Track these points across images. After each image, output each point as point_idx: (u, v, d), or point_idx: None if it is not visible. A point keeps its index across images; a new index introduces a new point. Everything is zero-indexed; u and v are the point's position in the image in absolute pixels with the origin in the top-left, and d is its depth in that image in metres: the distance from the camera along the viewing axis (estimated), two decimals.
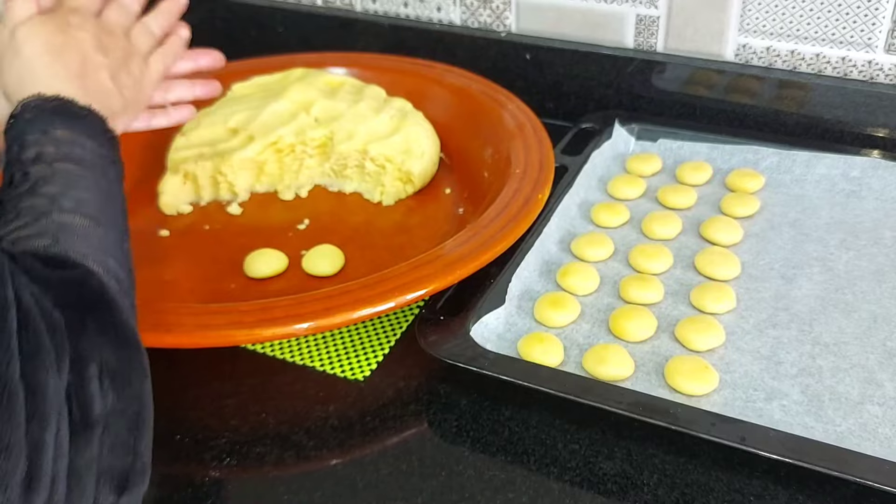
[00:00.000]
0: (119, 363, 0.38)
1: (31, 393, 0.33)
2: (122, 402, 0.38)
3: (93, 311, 0.39)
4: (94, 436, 0.36)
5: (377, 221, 0.75)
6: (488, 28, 0.94)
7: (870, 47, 0.76)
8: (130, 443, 0.38)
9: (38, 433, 0.33)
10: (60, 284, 0.39)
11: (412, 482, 0.50)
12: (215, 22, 1.11)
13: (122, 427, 0.38)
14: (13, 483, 0.31)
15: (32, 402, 0.33)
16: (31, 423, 0.32)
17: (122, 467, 0.37)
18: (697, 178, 0.75)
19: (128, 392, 0.38)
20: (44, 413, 0.33)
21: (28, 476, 0.32)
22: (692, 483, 0.48)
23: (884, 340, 0.56)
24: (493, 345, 0.57)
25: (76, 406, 0.36)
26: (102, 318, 0.39)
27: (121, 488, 0.37)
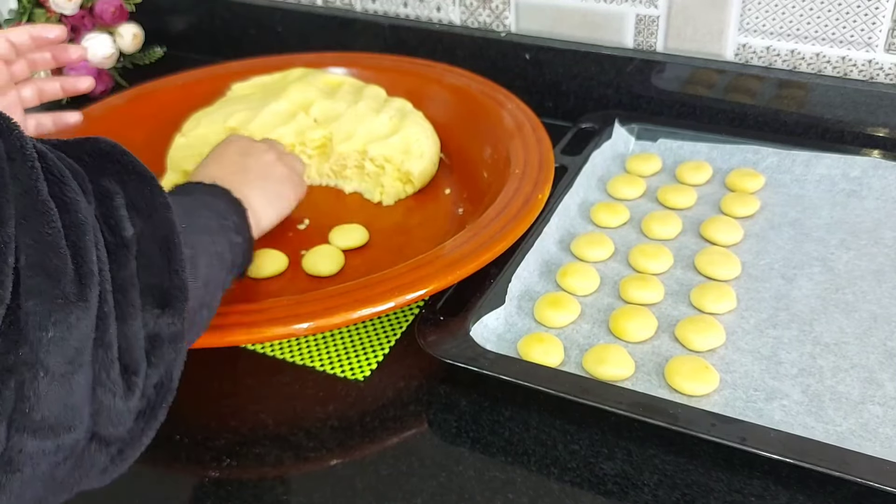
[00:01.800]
0: (142, 195, 0.41)
1: (63, 208, 0.35)
2: (150, 228, 0.41)
3: (109, 156, 0.41)
4: (130, 255, 0.39)
5: (377, 221, 0.75)
6: (488, 28, 0.94)
7: (870, 47, 0.76)
8: (164, 263, 0.41)
9: (77, 239, 0.35)
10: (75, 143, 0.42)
11: (412, 482, 0.50)
12: (215, 22, 1.11)
13: (153, 249, 0.40)
14: (66, 278, 0.33)
15: (66, 215, 0.35)
16: (69, 231, 0.35)
17: (161, 284, 0.40)
18: (697, 178, 0.75)
19: (154, 218, 0.41)
20: (79, 222, 0.35)
21: (78, 273, 0.34)
22: (692, 483, 0.48)
23: (884, 340, 0.56)
24: (493, 345, 0.57)
25: (107, 230, 0.38)
26: (119, 160, 0.42)
27: (162, 303, 0.40)
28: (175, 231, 0.42)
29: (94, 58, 1.01)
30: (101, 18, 1.01)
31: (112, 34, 1.03)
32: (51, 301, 0.33)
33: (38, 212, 0.34)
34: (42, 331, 0.32)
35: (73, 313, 0.33)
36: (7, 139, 0.34)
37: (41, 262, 0.33)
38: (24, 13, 1.00)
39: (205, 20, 1.12)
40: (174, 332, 0.40)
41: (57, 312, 0.33)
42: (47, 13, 1.00)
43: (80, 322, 0.34)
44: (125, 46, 1.04)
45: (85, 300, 0.34)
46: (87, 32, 1.01)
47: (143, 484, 0.51)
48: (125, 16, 1.03)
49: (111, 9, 1.01)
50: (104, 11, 1.01)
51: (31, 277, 0.32)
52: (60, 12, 0.99)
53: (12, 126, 0.35)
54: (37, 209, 0.34)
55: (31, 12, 1.00)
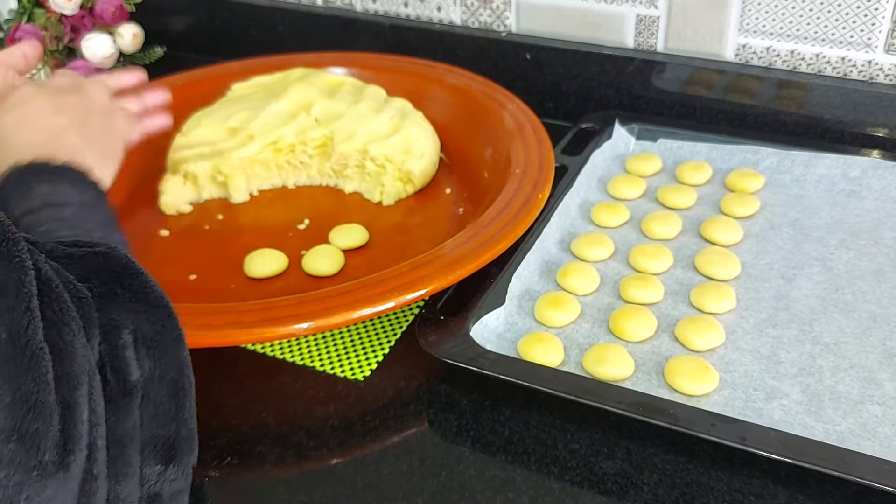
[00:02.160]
0: (153, 330, 0.38)
1: (58, 355, 0.32)
2: (160, 369, 0.37)
3: (120, 279, 0.38)
4: (134, 403, 0.35)
5: (377, 221, 0.75)
6: (488, 28, 0.94)
7: (870, 47, 0.76)
8: (172, 410, 0.37)
9: (68, 394, 0.31)
10: (84, 259, 0.38)
11: (412, 482, 0.50)
12: (215, 22, 1.11)
13: (162, 395, 0.37)
14: (47, 445, 0.30)
15: (59, 363, 0.32)
16: (60, 383, 0.31)
17: (167, 436, 0.37)
18: (697, 178, 0.75)
19: (165, 358, 0.38)
20: (73, 374, 0.32)
21: (63, 437, 0.31)
22: (692, 483, 0.48)
23: (883, 340, 0.56)
24: (494, 345, 0.57)
25: (112, 374, 0.35)
26: (131, 285, 0.38)
27: (168, 458, 0.36)
28: (185, 372, 0.38)
29: (94, 58, 1.01)
30: (101, 18, 1.01)
31: (112, 34, 1.03)
32: (25, 473, 0.29)
33: (23, 363, 0.30)
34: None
35: (49, 487, 0.29)
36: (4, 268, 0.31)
37: (19, 425, 0.29)
38: (24, 13, 1.00)
39: (205, 20, 1.12)
40: (177, 490, 0.37)
41: (30, 487, 0.29)
42: (47, 13, 1.00)
43: (58, 495, 0.30)
44: (125, 46, 1.04)
45: (66, 469, 0.30)
46: (87, 32, 1.01)
47: None
48: (125, 16, 1.03)
49: (111, 9, 1.01)
50: (104, 11, 1.01)
51: (5, 443, 0.28)
52: (60, 12, 0.99)
53: (15, 252, 0.32)
54: (22, 360, 0.30)
55: (31, 12, 1.00)
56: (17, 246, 0.32)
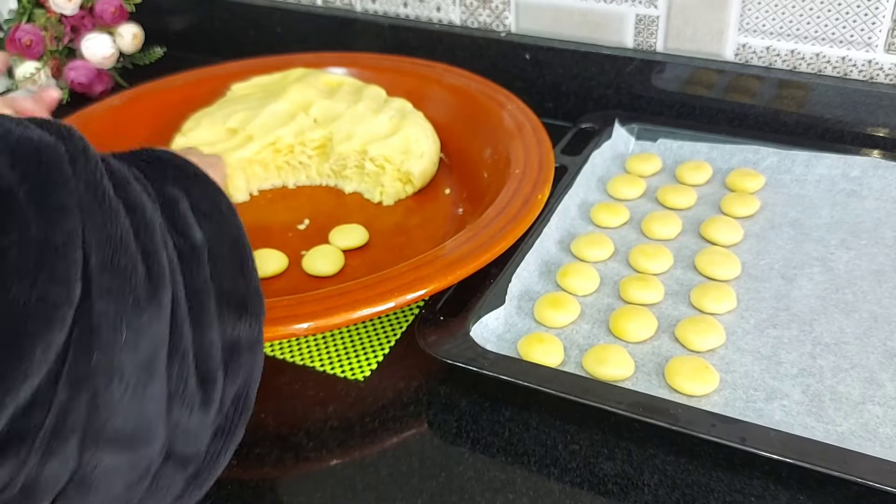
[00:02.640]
0: (207, 200, 0.40)
1: (130, 209, 0.34)
2: (219, 231, 0.39)
3: (169, 164, 0.41)
4: (202, 260, 0.37)
5: (377, 222, 0.75)
6: (488, 28, 0.94)
7: (870, 47, 0.76)
8: (237, 266, 0.39)
9: (146, 240, 0.34)
10: (132, 154, 0.41)
11: (412, 483, 0.50)
12: (214, 22, 1.11)
13: (225, 253, 0.39)
14: (137, 279, 0.32)
15: (133, 215, 0.34)
16: (137, 230, 0.33)
17: (236, 289, 0.38)
18: (697, 178, 0.75)
19: (222, 222, 0.40)
20: (146, 223, 0.34)
21: (149, 275, 0.33)
22: (693, 483, 0.48)
23: (884, 340, 0.56)
24: (493, 345, 0.57)
25: (177, 235, 0.37)
26: (180, 167, 0.41)
27: (241, 308, 0.38)
28: (243, 234, 0.41)
29: (94, 58, 1.01)
30: (101, 18, 1.01)
31: (112, 34, 1.03)
32: (122, 301, 0.31)
33: (104, 210, 0.32)
34: (115, 332, 0.31)
35: (145, 315, 0.32)
36: (68, 143, 0.33)
37: (110, 260, 0.31)
38: (24, 13, 1.00)
39: (205, 20, 1.12)
40: (252, 339, 0.38)
41: (129, 314, 0.31)
42: (47, 13, 1.00)
43: (153, 325, 0.32)
44: (125, 46, 1.04)
45: (157, 301, 0.33)
46: (87, 32, 1.01)
47: None
48: (125, 16, 1.03)
49: (111, 9, 1.01)
50: (104, 11, 1.01)
51: (100, 276, 0.31)
52: (60, 12, 0.99)
53: (74, 133, 0.34)
54: (102, 208, 0.32)
55: (31, 12, 1.00)
56: (73, 130, 0.34)
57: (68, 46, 1.02)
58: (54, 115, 0.68)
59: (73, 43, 1.01)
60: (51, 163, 0.32)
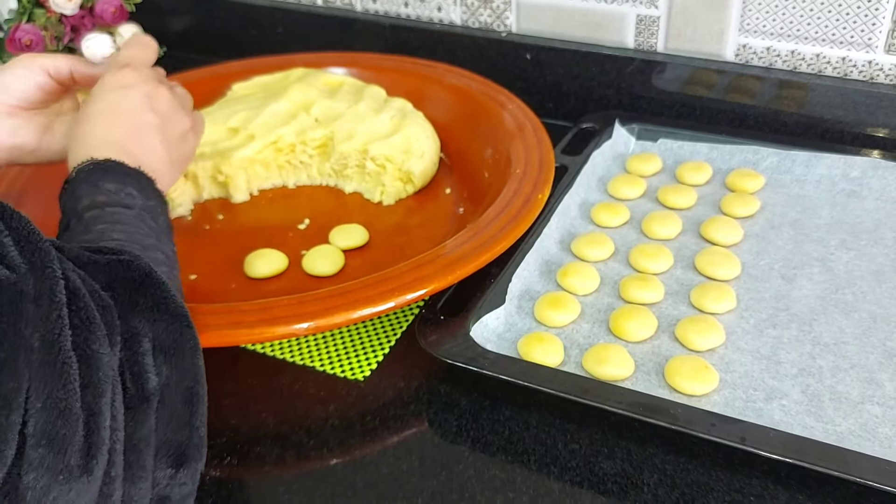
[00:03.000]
0: (171, 338, 0.39)
1: (85, 363, 0.33)
2: (175, 376, 0.38)
3: (142, 289, 0.40)
4: (151, 410, 0.37)
5: (377, 221, 0.75)
6: (488, 28, 0.94)
7: (870, 47, 0.76)
8: (186, 417, 0.38)
9: (93, 401, 0.33)
10: (108, 266, 0.39)
11: (412, 482, 0.50)
12: (215, 22, 1.11)
13: (177, 401, 0.38)
14: (73, 449, 0.31)
15: (86, 371, 0.33)
16: (86, 391, 0.33)
17: (179, 441, 0.38)
18: (697, 178, 0.75)
19: (181, 366, 0.39)
20: (98, 382, 0.33)
21: (87, 443, 0.32)
22: (692, 483, 0.48)
23: (884, 340, 0.56)
24: (494, 345, 0.57)
25: (131, 381, 0.36)
26: (152, 295, 0.40)
27: (178, 462, 0.38)
28: (200, 380, 0.40)
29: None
30: (101, 18, 1.01)
31: (112, 34, 1.03)
32: (53, 475, 0.30)
33: (55, 371, 0.31)
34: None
35: (74, 489, 0.31)
36: (39, 277, 0.32)
37: (48, 430, 0.30)
38: (24, 13, 1.00)
39: (205, 20, 1.12)
40: (185, 493, 0.38)
41: (56, 488, 0.30)
42: (47, 13, 1.00)
43: (81, 497, 0.31)
44: None
45: (89, 473, 0.32)
46: (87, 32, 1.01)
47: None
48: (125, 16, 1.03)
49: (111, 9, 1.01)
50: (104, 11, 1.01)
51: (34, 448, 0.30)
52: (60, 12, 0.99)
53: (48, 262, 0.33)
54: (54, 368, 0.31)
55: (31, 12, 1.00)
56: (48, 256, 0.33)
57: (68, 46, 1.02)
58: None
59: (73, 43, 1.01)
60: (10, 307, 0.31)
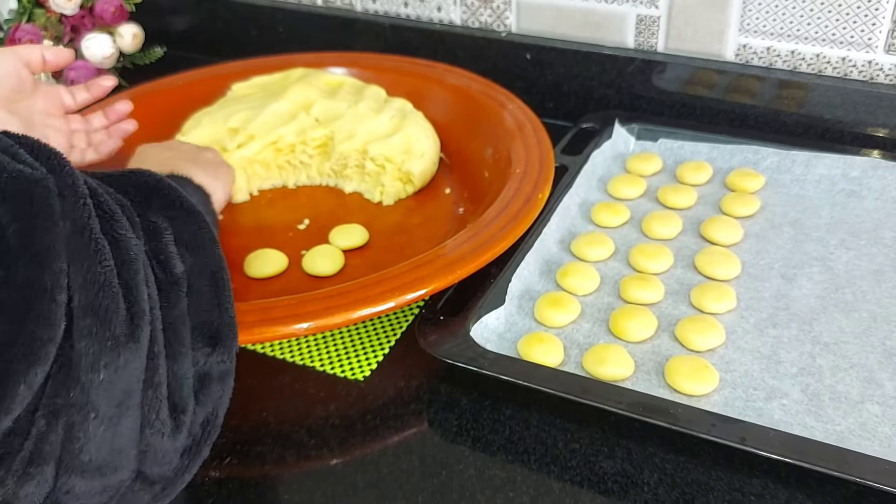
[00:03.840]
0: (189, 231, 0.41)
1: (115, 245, 0.35)
2: (199, 263, 0.41)
3: (155, 191, 0.42)
4: (181, 292, 0.39)
5: (377, 221, 0.75)
6: (489, 28, 0.94)
7: (870, 47, 0.76)
8: (214, 299, 0.41)
9: (129, 278, 0.35)
10: (120, 177, 0.42)
11: (412, 481, 0.50)
12: (215, 22, 1.11)
13: (203, 285, 0.40)
14: (117, 318, 0.33)
15: (118, 252, 0.35)
16: (121, 268, 0.35)
17: (211, 321, 0.40)
18: (697, 178, 0.75)
19: (203, 254, 0.41)
20: (130, 260, 0.35)
21: (129, 314, 0.34)
22: (692, 482, 0.48)
23: (883, 340, 0.56)
24: (494, 345, 0.57)
25: (158, 267, 0.38)
26: (166, 195, 0.42)
27: (213, 341, 0.40)
28: (223, 266, 0.42)
29: (94, 58, 1.01)
30: (101, 18, 1.01)
31: (112, 34, 1.03)
32: (102, 343, 0.32)
33: (89, 251, 0.33)
34: (93, 372, 0.32)
35: (123, 355, 0.33)
36: (59, 176, 0.34)
37: (93, 302, 0.33)
38: (24, 13, 1.00)
39: (205, 20, 1.12)
40: (223, 371, 0.40)
41: (108, 354, 0.33)
42: (47, 13, 1.00)
43: (130, 364, 0.33)
44: (125, 46, 1.04)
45: (136, 341, 0.34)
46: (87, 32, 1.01)
47: None
48: (125, 16, 1.03)
49: (111, 9, 1.01)
50: (104, 11, 1.01)
51: (82, 318, 0.32)
52: (60, 12, 0.99)
53: (63, 163, 0.35)
54: (88, 248, 0.33)
55: (31, 12, 1.00)
56: (62, 159, 0.35)
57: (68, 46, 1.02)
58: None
59: (73, 43, 1.01)
60: (41, 201, 0.32)
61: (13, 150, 0.34)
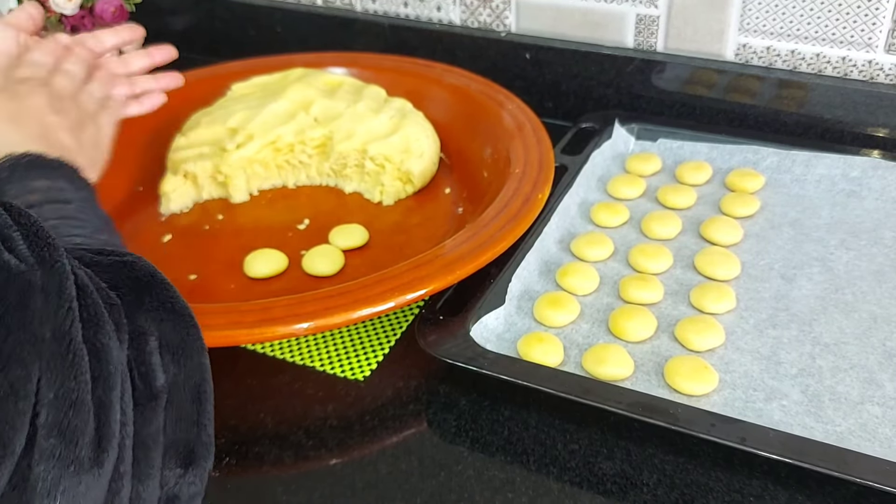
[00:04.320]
0: (178, 338, 0.39)
1: (95, 356, 0.33)
2: (183, 374, 0.38)
3: (148, 289, 0.39)
4: (159, 407, 0.36)
5: (377, 221, 0.75)
6: (488, 28, 0.94)
7: (870, 47, 0.76)
8: (194, 415, 0.38)
9: (104, 394, 0.33)
10: (112, 267, 0.39)
11: (411, 482, 0.50)
12: (215, 22, 1.11)
13: (185, 399, 0.38)
14: (84, 440, 0.31)
15: (97, 364, 0.33)
16: (97, 383, 0.33)
17: (188, 440, 0.38)
18: (697, 178, 0.75)
19: (188, 365, 0.39)
20: (108, 374, 0.33)
21: (98, 435, 0.32)
22: (692, 483, 0.48)
23: (884, 340, 0.56)
24: (493, 345, 0.57)
25: (139, 378, 0.36)
26: (158, 295, 0.39)
27: (187, 461, 0.37)
28: (207, 378, 0.39)
29: None
30: (101, 18, 1.01)
31: None
32: (63, 467, 0.30)
33: (66, 362, 0.31)
34: (49, 499, 0.30)
35: (84, 482, 0.31)
36: (47, 272, 0.32)
37: (60, 420, 0.30)
38: None
39: (205, 20, 1.12)
40: (193, 493, 0.38)
41: (67, 480, 0.30)
42: (47, 13, 1.00)
43: (90, 492, 0.31)
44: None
45: (100, 466, 0.31)
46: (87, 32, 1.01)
47: None
48: (125, 16, 1.03)
49: (111, 9, 1.01)
50: (104, 11, 1.01)
51: (46, 438, 0.30)
52: (60, 12, 0.99)
53: (56, 257, 0.33)
54: (65, 359, 0.31)
55: None
56: (57, 251, 0.33)
57: None
58: None
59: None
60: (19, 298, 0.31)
61: (6, 234, 0.32)
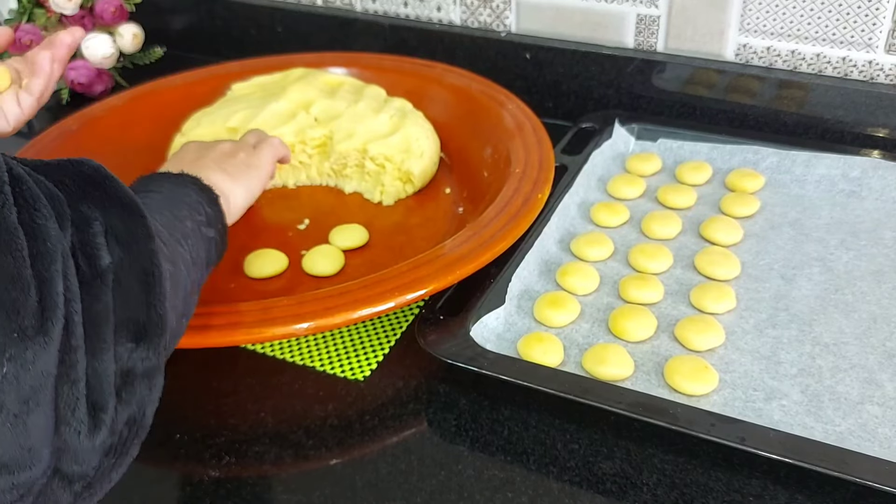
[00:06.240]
0: (123, 224, 0.40)
1: (31, 235, 0.34)
2: (129, 258, 0.39)
3: (91, 181, 0.40)
4: (105, 286, 0.37)
5: (377, 221, 0.75)
6: (488, 28, 0.94)
7: (870, 47, 0.76)
8: (142, 296, 0.39)
9: (43, 269, 0.33)
10: (58, 165, 0.40)
11: (411, 482, 0.50)
12: (215, 22, 1.11)
13: (132, 281, 0.39)
14: (25, 311, 0.32)
15: (34, 242, 0.34)
16: (35, 259, 0.33)
17: (137, 318, 0.39)
18: (697, 178, 0.75)
19: (134, 249, 0.39)
20: (46, 251, 0.34)
21: (40, 307, 0.33)
22: (692, 483, 0.48)
23: (883, 340, 0.56)
24: (493, 345, 0.57)
25: (83, 259, 0.37)
26: (102, 186, 0.40)
27: (138, 337, 0.38)
28: (156, 262, 0.40)
29: (94, 58, 1.01)
30: (101, 18, 1.01)
31: (112, 34, 1.03)
32: (7, 334, 0.31)
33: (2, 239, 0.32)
34: None
35: (31, 349, 0.32)
36: None
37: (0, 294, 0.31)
38: (24, 13, 1.01)
39: (205, 20, 1.12)
40: (149, 367, 0.39)
41: (12, 348, 0.31)
42: (47, 13, 1.00)
43: (38, 359, 0.32)
44: (125, 46, 1.04)
45: (45, 334, 0.32)
46: (87, 32, 1.01)
47: (142, 482, 0.51)
48: (125, 16, 1.03)
49: (111, 9, 1.01)
50: (104, 11, 1.01)
51: None
52: (60, 12, 0.99)
53: None
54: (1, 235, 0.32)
55: (31, 12, 1.01)
56: None
57: None
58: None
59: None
60: None
61: None
